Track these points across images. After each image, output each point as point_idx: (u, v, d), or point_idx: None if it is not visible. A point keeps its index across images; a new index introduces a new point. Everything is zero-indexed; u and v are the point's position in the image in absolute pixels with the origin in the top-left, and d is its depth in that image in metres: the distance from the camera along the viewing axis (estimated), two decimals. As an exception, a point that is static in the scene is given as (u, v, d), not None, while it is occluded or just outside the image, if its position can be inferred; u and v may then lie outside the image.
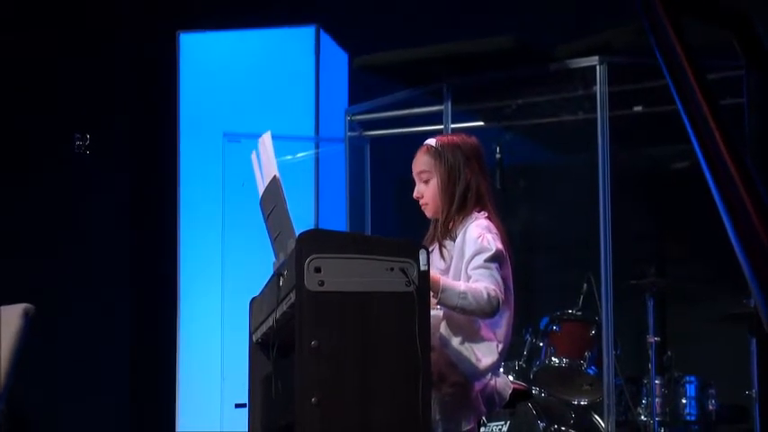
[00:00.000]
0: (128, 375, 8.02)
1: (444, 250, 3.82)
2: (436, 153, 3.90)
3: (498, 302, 3.64)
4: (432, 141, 3.95)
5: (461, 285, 3.64)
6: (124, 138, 8.17)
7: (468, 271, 3.71)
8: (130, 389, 8.02)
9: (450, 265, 3.79)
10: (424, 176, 3.91)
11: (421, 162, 3.93)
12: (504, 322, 3.80)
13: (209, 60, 7.45)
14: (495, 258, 3.71)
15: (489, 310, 3.64)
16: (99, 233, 7.94)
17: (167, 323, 7.42)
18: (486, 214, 3.84)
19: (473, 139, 3.98)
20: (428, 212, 3.94)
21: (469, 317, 3.68)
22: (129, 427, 7.96)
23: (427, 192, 3.90)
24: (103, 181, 7.98)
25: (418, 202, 3.94)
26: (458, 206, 3.85)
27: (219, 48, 7.46)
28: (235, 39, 7.47)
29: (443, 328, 3.71)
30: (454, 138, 3.99)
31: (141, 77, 8.25)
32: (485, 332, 3.75)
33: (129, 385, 8.02)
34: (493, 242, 3.72)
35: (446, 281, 3.60)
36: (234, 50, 7.43)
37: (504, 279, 3.75)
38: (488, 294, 3.62)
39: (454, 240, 3.80)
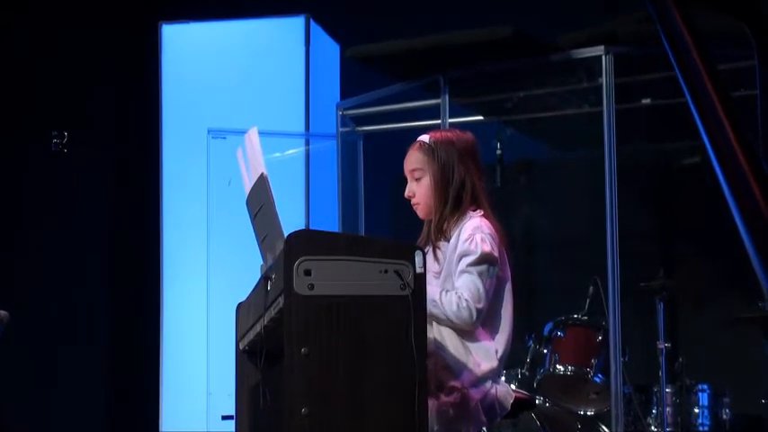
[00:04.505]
0: (107, 388, 8.01)
1: (438, 252, 3.83)
2: (429, 150, 3.90)
3: (471, 311, 3.66)
4: (424, 137, 3.95)
5: (435, 294, 3.66)
6: (104, 135, 8.16)
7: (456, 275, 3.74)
8: (111, 402, 8.01)
9: (443, 267, 3.80)
10: (417, 174, 3.92)
11: (413, 159, 3.93)
12: (503, 327, 3.81)
13: (193, 53, 7.44)
14: (481, 262, 3.72)
15: (461, 321, 3.67)
16: (77, 235, 7.94)
17: (149, 330, 7.41)
18: (482, 213, 3.84)
19: (468, 135, 3.98)
20: (420, 213, 3.95)
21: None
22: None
23: (419, 190, 3.91)
24: (82, 181, 7.97)
25: (410, 201, 3.95)
26: (452, 206, 3.85)
27: (204, 39, 7.45)
28: (220, 30, 7.46)
29: (437, 331, 3.71)
30: (448, 133, 3.99)
31: (121, 71, 8.24)
32: (481, 336, 3.76)
33: (109, 399, 8.01)
34: (480, 244, 3.73)
35: None
36: (219, 42, 7.42)
37: (499, 282, 3.77)
38: (458, 305, 3.65)
39: (449, 241, 3.81)
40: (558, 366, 6.07)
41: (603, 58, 6.08)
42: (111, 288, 8.10)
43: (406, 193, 3.95)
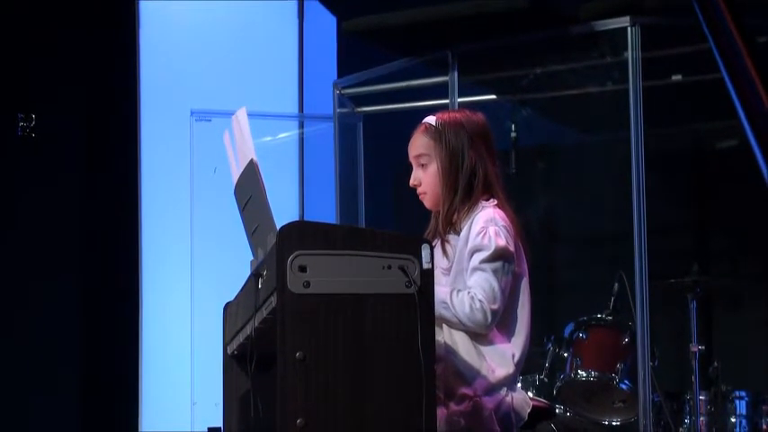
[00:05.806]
0: (80, 401, 8.00)
1: (447, 246, 3.83)
2: (436, 133, 3.91)
3: (486, 313, 3.67)
4: (431, 119, 3.96)
5: (445, 294, 3.67)
6: (76, 118, 8.15)
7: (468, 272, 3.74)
8: (85, 415, 8.01)
9: (453, 263, 3.80)
10: (422, 160, 3.92)
11: (418, 144, 3.94)
12: (520, 329, 3.81)
13: (175, 26, 7.44)
14: (495, 258, 3.72)
15: (474, 324, 3.67)
16: (45, 227, 7.92)
17: (127, 334, 7.41)
18: (496, 202, 3.85)
19: (479, 116, 3.99)
20: (427, 203, 3.96)
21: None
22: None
23: (425, 178, 3.92)
24: (51, 169, 7.96)
25: (415, 190, 3.95)
26: (462, 195, 3.86)
27: (186, 10, 7.45)
28: (203, 1, 7.46)
29: (447, 334, 3.72)
30: (457, 114, 4.00)
31: (95, 49, 8.23)
32: (497, 339, 3.77)
33: (83, 412, 8.01)
34: (494, 238, 3.73)
35: None
36: (203, 14, 7.42)
37: (515, 279, 3.77)
38: (471, 306, 3.66)
39: (459, 234, 3.81)
40: (579, 372, 6.08)
41: (629, 29, 6.08)
42: (84, 287, 8.08)
43: (411, 182, 3.96)
